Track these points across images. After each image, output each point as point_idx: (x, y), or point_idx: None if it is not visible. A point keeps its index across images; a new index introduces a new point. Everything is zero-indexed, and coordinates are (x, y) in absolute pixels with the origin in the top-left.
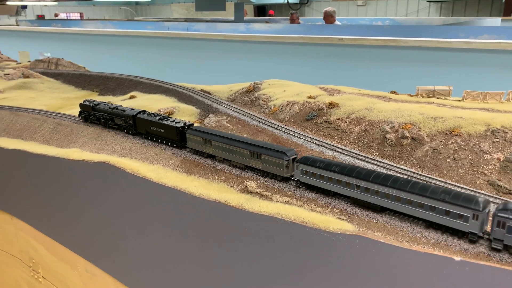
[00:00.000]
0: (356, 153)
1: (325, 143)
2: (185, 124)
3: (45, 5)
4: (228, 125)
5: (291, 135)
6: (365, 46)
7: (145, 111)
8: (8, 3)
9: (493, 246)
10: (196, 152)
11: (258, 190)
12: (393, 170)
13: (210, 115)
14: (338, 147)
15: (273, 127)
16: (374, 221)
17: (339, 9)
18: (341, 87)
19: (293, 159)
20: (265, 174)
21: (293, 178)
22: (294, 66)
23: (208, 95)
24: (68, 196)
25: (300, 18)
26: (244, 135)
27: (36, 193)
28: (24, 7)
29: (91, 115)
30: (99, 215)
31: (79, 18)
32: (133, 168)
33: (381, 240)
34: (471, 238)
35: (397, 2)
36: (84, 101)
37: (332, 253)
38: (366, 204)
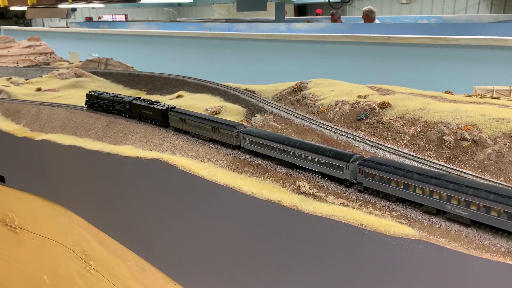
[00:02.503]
0: (412, 155)
1: (379, 144)
2: (168, 107)
3: (93, 8)
4: (276, 124)
5: (342, 135)
6: (413, 45)
7: (139, 97)
8: (59, 6)
9: (358, 188)
10: (176, 129)
11: (311, 191)
12: (453, 174)
13: (257, 115)
14: (393, 149)
15: (322, 127)
16: (437, 226)
17: (382, 7)
18: (392, 87)
19: (241, 131)
20: (223, 144)
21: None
22: (338, 65)
23: (253, 94)
24: (121, 191)
25: (341, 17)
26: (293, 135)
27: (90, 188)
28: (74, 10)
29: (95, 103)
30: (151, 211)
31: (124, 19)
32: (185, 165)
33: (447, 246)
34: (346, 184)
35: None
36: (90, 92)
37: (394, 258)
38: (285, 163)
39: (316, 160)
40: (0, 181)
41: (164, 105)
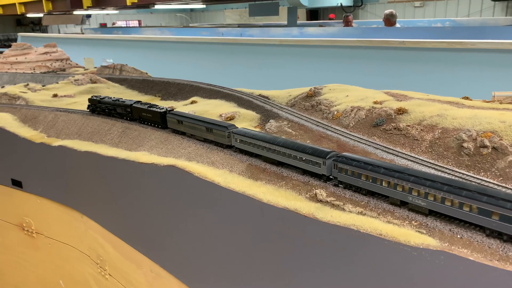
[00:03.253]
0: (430, 162)
1: (396, 151)
2: (166, 110)
3: (107, 14)
4: (290, 130)
5: (358, 142)
6: (428, 49)
7: (139, 101)
8: (74, 12)
9: (333, 183)
10: (174, 131)
11: (328, 199)
12: (474, 182)
13: (271, 121)
14: (410, 156)
15: (338, 134)
16: (458, 236)
17: (395, 10)
18: (408, 92)
19: (232, 131)
20: (215, 143)
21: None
22: (352, 70)
23: (267, 100)
24: (137, 197)
25: (354, 21)
26: (308, 142)
27: (105, 194)
28: (88, 16)
29: (97, 107)
30: (166, 217)
31: (137, 25)
32: (201, 172)
33: (470, 258)
34: (322, 178)
35: (458, 2)
36: (92, 96)
37: (415, 268)
38: (270, 160)
39: (298, 157)
40: (18, 186)
41: (162, 108)
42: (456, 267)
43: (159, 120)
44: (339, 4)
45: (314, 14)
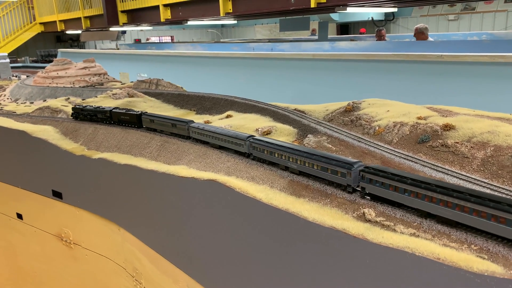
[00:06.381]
0: (484, 182)
1: (445, 169)
2: (141, 112)
3: (141, 30)
4: (330, 146)
5: (404, 159)
6: (468, 63)
7: (117, 107)
8: (111, 29)
9: (251, 158)
10: (148, 128)
11: (377, 219)
12: None
13: (309, 135)
14: (462, 174)
15: (381, 150)
16: None
17: (428, 24)
18: (453, 108)
19: (190, 125)
20: (179, 136)
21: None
22: (388, 84)
23: (303, 114)
24: (175, 211)
25: (386, 35)
26: (349, 158)
27: (143, 207)
28: (124, 32)
29: (80, 114)
30: (205, 232)
31: (170, 40)
32: (241, 187)
33: None
34: (245, 155)
35: (495, 15)
36: (75, 105)
37: None
38: (215, 145)
39: (229, 141)
40: (58, 197)
41: (138, 111)
42: None
43: (136, 121)
44: (370, 18)
45: (344, 29)
